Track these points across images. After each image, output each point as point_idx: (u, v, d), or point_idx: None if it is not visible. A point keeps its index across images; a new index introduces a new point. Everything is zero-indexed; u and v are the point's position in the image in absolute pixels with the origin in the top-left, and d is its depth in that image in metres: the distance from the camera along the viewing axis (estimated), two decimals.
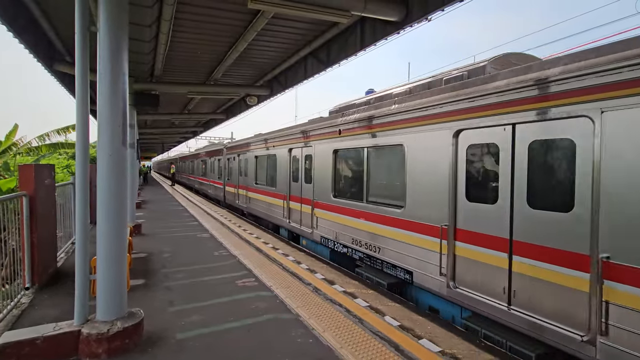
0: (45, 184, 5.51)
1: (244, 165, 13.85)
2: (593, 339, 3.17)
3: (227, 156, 16.56)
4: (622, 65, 3.02)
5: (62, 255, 6.99)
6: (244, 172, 13.90)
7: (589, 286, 3.25)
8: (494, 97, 4.14)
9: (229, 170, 16.26)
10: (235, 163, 15.13)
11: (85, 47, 3.54)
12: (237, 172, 14.78)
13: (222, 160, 17.15)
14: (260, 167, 12.15)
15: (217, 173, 18.49)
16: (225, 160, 16.68)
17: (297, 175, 9.24)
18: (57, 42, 8.08)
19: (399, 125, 5.60)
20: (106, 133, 3.58)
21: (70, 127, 16.02)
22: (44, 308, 4.57)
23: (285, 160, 9.76)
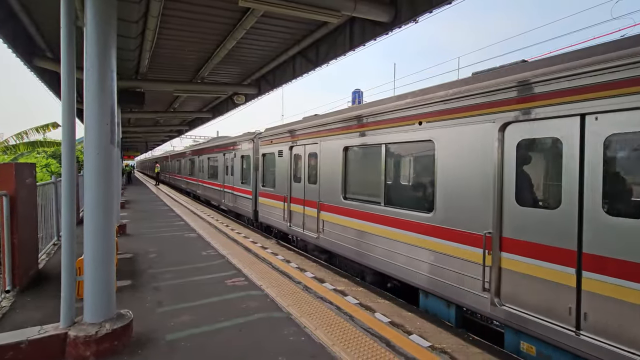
0: (26, 183, 5.34)
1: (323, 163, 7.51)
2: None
3: (262, 150, 10.80)
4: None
5: (43, 256, 6.77)
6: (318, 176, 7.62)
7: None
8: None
9: (266, 171, 10.61)
10: (283, 160, 9.21)
11: (71, 43, 3.46)
12: (288, 174, 8.93)
13: (252, 156, 11.53)
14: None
15: (241, 176, 12.71)
16: (258, 156, 11.22)
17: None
18: (38, 37, 7.81)
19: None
20: (94, 131, 3.50)
21: (49, 125, 15.48)
22: (26, 311, 4.42)
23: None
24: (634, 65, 2.92)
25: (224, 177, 14.81)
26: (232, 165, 13.73)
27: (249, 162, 11.91)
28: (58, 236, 8.05)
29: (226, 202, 14.70)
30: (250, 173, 11.61)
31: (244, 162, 12.57)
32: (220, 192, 15.42)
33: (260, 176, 10.85)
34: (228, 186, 14.35)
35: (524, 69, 3.81)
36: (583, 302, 3.23)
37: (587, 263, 3.20)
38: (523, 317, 3.66)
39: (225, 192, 14.65)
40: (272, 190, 9.86)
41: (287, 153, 8.88)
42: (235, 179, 13.36)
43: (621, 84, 2.97)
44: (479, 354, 3.61)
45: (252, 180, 11.43)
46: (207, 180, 18.14)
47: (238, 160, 13.02)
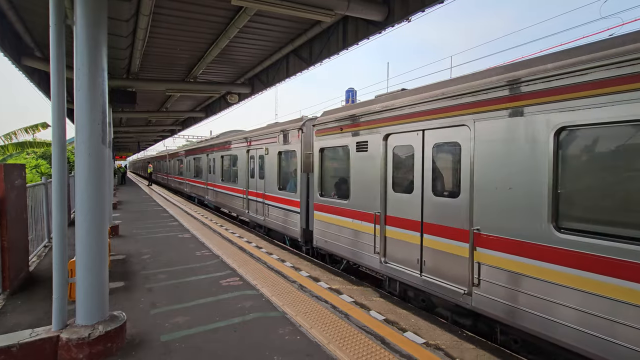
0: (16, 184, 5.25)
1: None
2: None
3: (319, 143, 7.55)
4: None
5: (34, 259, 6.68)
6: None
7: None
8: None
9: (329, 174, 7.57)
10: (368, 158, 6.11)
11: (61, 41, 3.41)
12: (380, 178, 5.85)
13: (300, 152, 8.47)
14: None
15: (278, 180, 9.61)
16: (311, 152, 8.31)
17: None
18: (26, 36, 7.67)
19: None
20: (85, 131, 3.45)
21: (39, 125, 15.24)
22: (17, 314, 4.36)
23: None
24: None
25: (248, 181, 11.61)
26: (262, 165, 10.50)
27: (294, 160, 8.83)
28: (49, 238, 7.94)
29: (252, 214, 11.18)
30: (297, 176, 8.42)
31: (284, 160, 9.47)
32: (242, 200, 11.93)
33: (317, 181, 7.47)
34: (254, 193, 11.02)
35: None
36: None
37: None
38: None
39: (250, 201, 11.35)
40: (343, 204, 6.60)
41: (379, 146, 5.71)
42: (268, 184, 10.05)
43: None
44: (473, 350, 3.66)
45: (301, 186, 8.26)
46: (220, 184, 14.51)
47: (272, 158, 9.76)
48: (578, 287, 3.33)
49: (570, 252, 3.41)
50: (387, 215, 5.68)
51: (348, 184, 6.58)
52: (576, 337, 3.33)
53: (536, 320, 3.64)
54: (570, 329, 3.37)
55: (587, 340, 3.26)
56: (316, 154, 7.60)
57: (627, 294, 3.03)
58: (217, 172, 14.99)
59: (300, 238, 8.43)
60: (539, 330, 3.62)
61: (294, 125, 8.76)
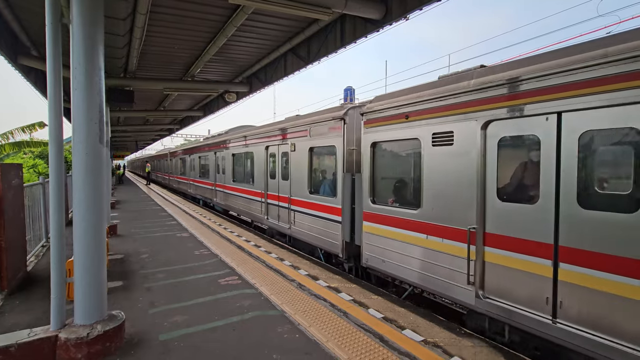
0: (13, 184, 5.23)
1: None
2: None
3: (369, 136, 6.04)
4: None
5: (32, 258, 6.67)
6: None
7: None
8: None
9: (385, 175, 6.15)
10: (452, 154, 4.61)
11: (57, 40, 3.40)
12: (476, 182, 4.28)
13: (341, 148, 6.84)
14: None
15: (309, 182, 7.93)
16: (356, 149, 6.74)
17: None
18: (22, 35, 7.63)
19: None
20: (82, 130, 3.44)
21: (36, 125, 15.16)
22: (15, 314, 4.35)
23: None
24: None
25: (266, 183, 9.86)
26: (286, 164, 8.83)
27: (331, 158, 7.28)
28: (47, 238, 7.92)
29: (273, 221, 9.47)
30: (338, 178, 6.86)
31: (318, 158, 7.96)
32: (260, 205, 10.26)
33: (368, 184, 5.98)
34: (275, 196, 9.35)
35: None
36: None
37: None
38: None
39: (270, 205, 9.66)
40: (411, 214, 5.15)
41: (474, 137, 4.23)
42: (295, 186, 8.35)
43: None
44: (471, 347, 3.67)
45: (343, 190, 6.65)
46: (232, 186, 12.85)
47: (301, 156, 8.09)
48: None
49: None
50: (487, 232, 4.13)
51: (418, 188, 5.09)
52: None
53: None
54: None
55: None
56: (366, 149, 6.00)
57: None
58: (228, 172, 13.20)
59: (341, 253, 6.73)
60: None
61: (333, 114, 6.97)
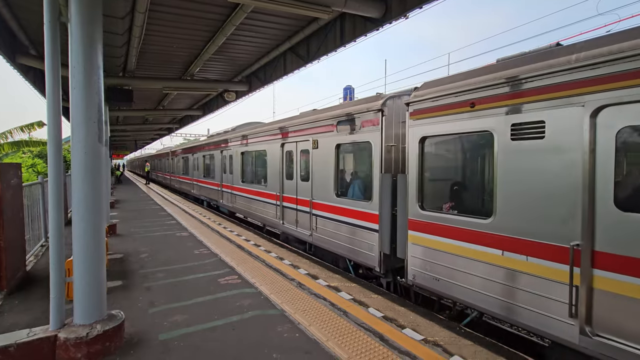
0: (12, 184, 5.22)
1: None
2: None
3: (416, 130, 5.13)
4: None
5: (31, 258, 6.65)
6: None
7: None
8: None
9: (436, 177, 5.26)
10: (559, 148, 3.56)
11: (55, 39, 3.38)
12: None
13: (378, 144, 5.91)
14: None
15: (336, 184, 7.05)
16: (395, 145, 6.01)
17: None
18: (21, 33, 7.60)
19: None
20: (81, 130, 3.43)
21: (35, 124, 15.13)
22: (14, 314, 4.34)
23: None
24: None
25: (282, 184, 8.95)
26: (307, 163, 7.89)
27: (364, 155, 6.41)
28: (46, 237, 7.90)
29: (290, 226, 8.59)
30: (373, 179, 5.94)
31: (347, 156, 7.06)
32: (274, 208, 9.38)
33: (415, 187, 5.08)
34: (292, 199, 8.49)
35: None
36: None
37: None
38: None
39: (287, 209, 8.79)
40: (479, 224, 4.26)
41: (579, 127, 3.40)
42: (318, 188, 7.40)
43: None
44: (471, 346, 3.67)
45: (382, 193, 5.76)
46: (240, 187, 11.99)
47: (325, 153, 7.12)
48: None
49: None
50: (597, 250, 3.23)
51: (489, 192, 4.29)
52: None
53: None
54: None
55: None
56: (413, 146, 5.09)
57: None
58: (236, 172, 12.27)
59: (378, 267, 5.83)
60: None
61: (369, 105, 6.02)
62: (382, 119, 5.81)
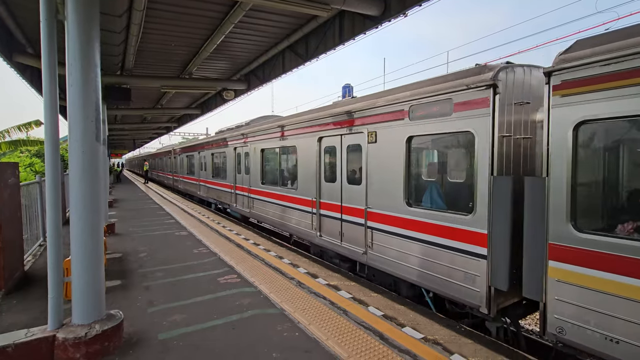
0: (9, 183, 5.19)
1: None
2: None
3: (580, 106, 3.38)
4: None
5: (29, 258, 6.62)
6: None
7: None
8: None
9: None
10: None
11: (52, 37, 3.35)
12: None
13: (482, 134, 4.20)
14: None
15: (406, 187, 5.27)
16: (550, 134, 3.60)
17: None
18: (17, 32, 7.55)
19: None
20: (78, 128, 3.40)
21: (32, 123, 15.04)
22: (12, 314, 4.32)
23: None
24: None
25: (319, 187, 7.34)
26: (355, 162, 6.38)
27: (460, 152, 4.98)
28: (44, 237, 7.87)
29: (331, 239, 6.95)
30: (477, 184, 4.31)
31: (423, 152, 5.56)
32: (308, 216, 7.66)
33: (566, 197, 3.49)
34: (334, 206, 6.87)
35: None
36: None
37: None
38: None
39: (325, 218, 7.17)
40: None
41: None
42: (376, 194, 5.80)
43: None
44: (471, 344, 3.67)
45: (493, 204, 4.12)
46: (260, 189, 10.25)
47: (387, 149, 5.57)
48: None
49: None
50: None
51: None
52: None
53: None
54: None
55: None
56: (560, 135, 3.54)
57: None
58: (255, 173, 10.56)
59: (486, 307, 4.19)
60: None
61: (472, 80, 4.31)
62: (494, 99, 4.10)
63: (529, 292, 3.88)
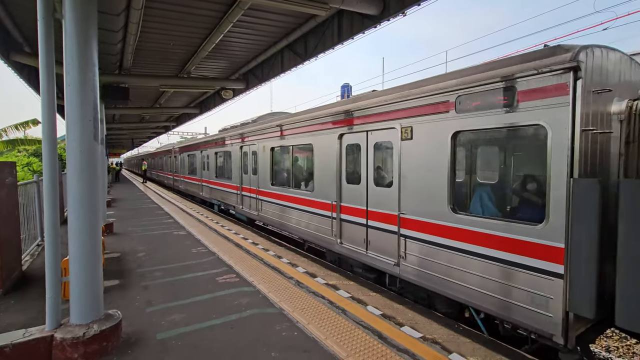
0: (7, 182, 5.16)
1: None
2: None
3: None
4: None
5: (27, 258, 6.60)
6: None
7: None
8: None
9: None
10: None
11: (49, 36, 3.33)
12: None
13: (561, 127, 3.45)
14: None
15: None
16: None
17: None
18: (15, 31, 7.52)
19: None
20: (76, 128, 3.39)
21: (29, 122, 14.98)
22: (10, 314, 4.30)
23: None
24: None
25: (339, 189, 6.60)
26: (392, 162, 5.48)
27: (525, 149, 4.56)
28: (42, 236, 7.84)
29: (352, 247, 6.23)
30: (548, 187, 3.58)
31: (474, 150, 4.89)
32: (327, 221, 6.88)
33: None
34: (356, 210, 6.18)
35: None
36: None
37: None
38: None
39: (347, 223, 6.43)
40: None
41: None
42: (411, 198, 5.11)
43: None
44: (469, 343, 3.68)
45: (573, 214, 3.38)
46: (268, 191, 9.51)
47: (425, 147, 4.89)
48: None
49: None
50: None
51: None
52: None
53: None
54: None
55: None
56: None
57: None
58: (263, 173, 9.76)
59: (562, 336, 3.49)
60: None
61: (544, 62, 3.61)
62: (574, 85, 3.42)
63: (628, 323, 3.21)
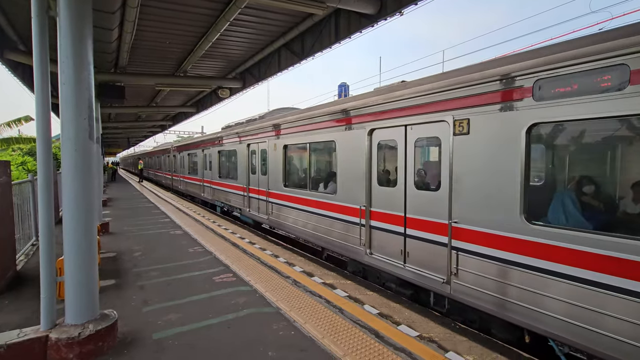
0: (1, 182, 5.12)
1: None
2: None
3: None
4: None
5: (21, 257, 6.55)
6: None
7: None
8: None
9: None
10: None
11: (43, 33, 3.29)
12: None
13: None
14: None
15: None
16: None
17: None
18: (8, 29, 7.43)
19: None
20: (71, 127, 3.36)
21: (22, 119, 14.84)
22: (4, 314, 4.26)
23: None
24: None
25: (369, 192, 5.80)
26: (440, 161, 4.65)
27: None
28: (37, 236, 7.78)
29: (387, 259, 5.42)
30: None
31: (557, 150, 4.11)
32: (355, 229, 6.04)
33: None
34: (394, 217, 5.36)
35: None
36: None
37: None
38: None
39: (377, 231, 5.67)
40: None
41: None
42: (467, 204, 4.27)
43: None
44: (465, 342, 3.69)
45: None
46: (280, 193, 8.64)
47: (492, 143, 3.98)
48: None
49: None
50: None
51: None
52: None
53: None
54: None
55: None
56: None
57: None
58: (274, 174, 8.90)
59: None
60: None
61: None
62: None
63: None
